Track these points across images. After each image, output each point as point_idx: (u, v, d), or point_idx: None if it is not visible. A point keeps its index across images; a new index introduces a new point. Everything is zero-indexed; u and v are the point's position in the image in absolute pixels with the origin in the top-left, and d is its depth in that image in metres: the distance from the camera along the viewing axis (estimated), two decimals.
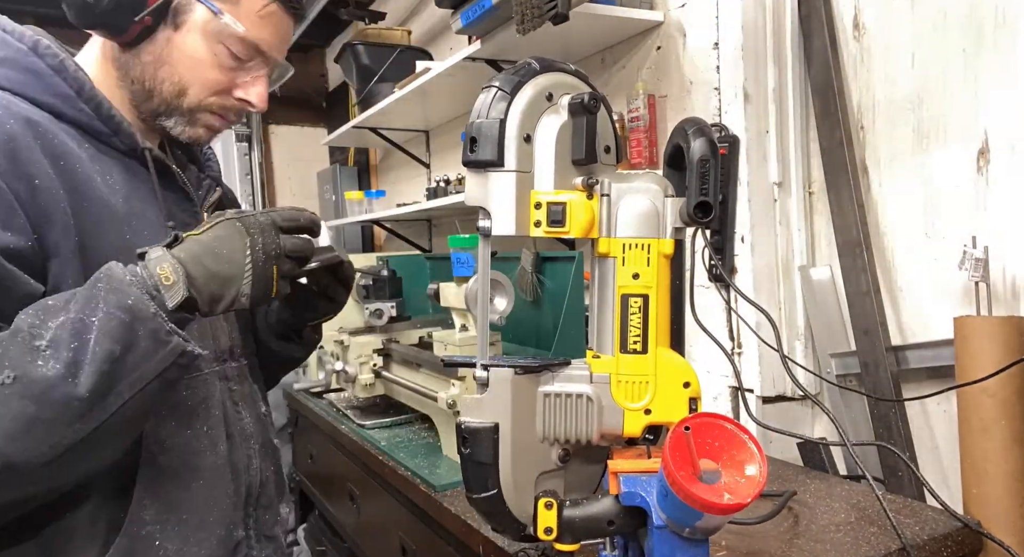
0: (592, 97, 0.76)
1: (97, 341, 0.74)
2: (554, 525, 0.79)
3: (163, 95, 0.94)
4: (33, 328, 0.74)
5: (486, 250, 0.80)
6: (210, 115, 0.98)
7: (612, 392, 0.79)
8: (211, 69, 0.94)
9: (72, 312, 0.76)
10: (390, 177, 3.92)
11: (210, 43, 0.93)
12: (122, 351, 0.75)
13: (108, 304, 0.76)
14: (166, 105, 0.95)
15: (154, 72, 0.93)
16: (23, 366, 0.72)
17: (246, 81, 0.98)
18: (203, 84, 0.95)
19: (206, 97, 0.96)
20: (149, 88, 0.94)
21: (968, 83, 1.34)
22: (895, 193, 1.48)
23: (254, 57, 0.97)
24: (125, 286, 0.77)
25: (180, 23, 0.92)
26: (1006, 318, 1.23)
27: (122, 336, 0.75)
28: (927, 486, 1.25)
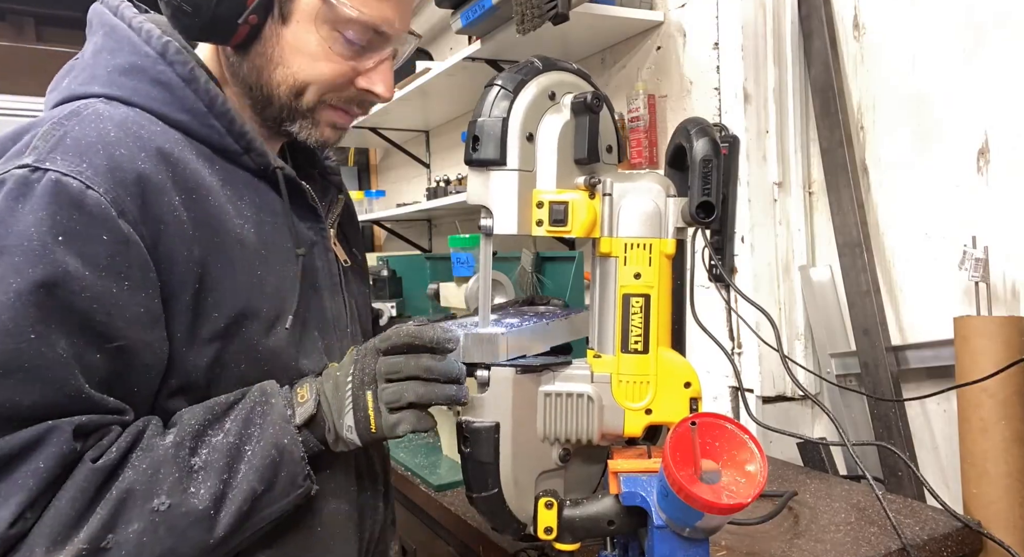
0: (595, 96, 0.76)
1: (246, 476, 0.72)
2: (554, 525, 0.79)
3: (282, 99, 0.85)
4: (197, 443, 0.73)
5: (488, 248, 0.80)
6: (332, 111, 0.88)
7: (613, 392, 0.79)
8: (327, 61, 0.83)
9: (231, 434, 0.74)
10: (390, 177, 3.92)
11: (323, 31, 0.82)
12: (263, 491, 0.73)
13: (264, 437, 0.74)
14: (288, 109, 0.86)
15: (269, 75, 0.84)
16: (178, 493, 0.70)
17: (368, 68, 0.86)
18: (320, 79, 0.84)
19: (326, 92, 0.85)
20: (267, 93, 0.85)
21: (968, 83, 1.34)
22: (895, 193, 1.49)
23: (374, 39, 0.85)
24: (285, 421, 0.75)
25: (287, 15, 0.81)
26: (1006, 318, 1.23)
27: (267, 476, 0.74)
28: (927, 486, 1.25)
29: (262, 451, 0.74)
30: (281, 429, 0.75)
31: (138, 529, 0.68)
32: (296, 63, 0.83)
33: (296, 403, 0.78)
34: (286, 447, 0.75)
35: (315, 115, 0.87)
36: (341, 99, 0.87)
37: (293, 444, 0.75)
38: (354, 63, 0.85)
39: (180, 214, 0.75)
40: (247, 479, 0.72)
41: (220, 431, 0.74)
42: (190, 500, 0.70)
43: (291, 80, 0.83)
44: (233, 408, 0.76)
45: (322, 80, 0.84)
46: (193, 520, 0.70)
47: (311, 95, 0.85)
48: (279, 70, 0.83)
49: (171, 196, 0.74)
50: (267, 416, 0.76)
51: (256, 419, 0.75)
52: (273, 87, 0.84)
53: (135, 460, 0.70)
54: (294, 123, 0.87)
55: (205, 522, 0.70)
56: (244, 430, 0.75)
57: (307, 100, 0.85)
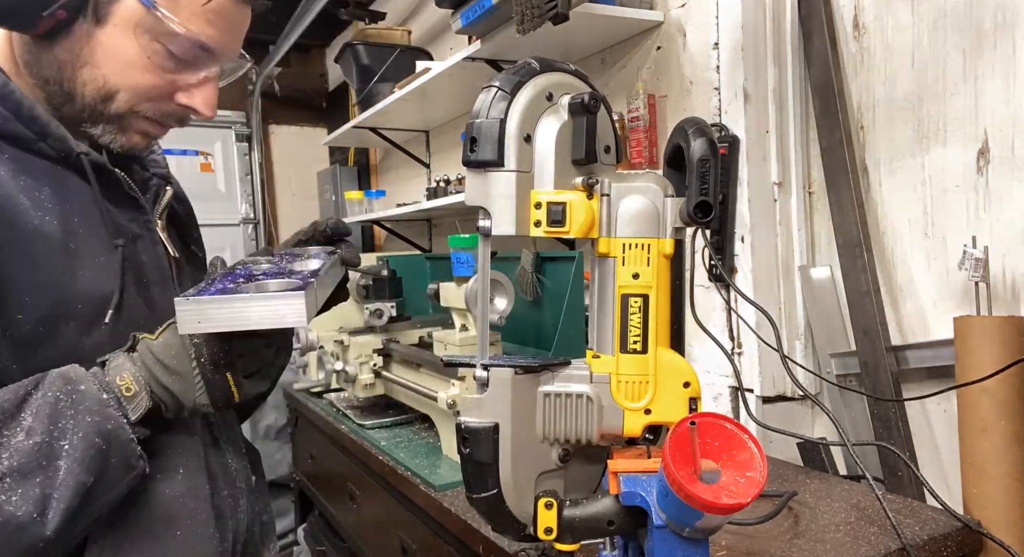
0: (592, 97, 0.76)
1: (69, 472, 0.67)
2: (554, 525, 0.79)
3: (85, 99, 0.78)
4: (0, 442, 0.66)
5: (486, 250, 0.80)
6: (146, 122, 0.82)
7: (612, 392, 0.79)
8: (144, 71, 0.78)
9: (36, 433, 0.67)
10: (390, 177, 3.92)
11: (143, 41, 0.76)
12: (94, 482, 0.68)
13: (82, 427, 0.68)
14: (90, 111, 0.79)
15: (73, 72, 0.77)
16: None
17: (190, 84, 0.81)
18: (135, 88, 0.78)
19: (139, 103, 0.80)
20: (68, 90, 0.78)
21: (968, 83, 1.34)
22: (895, 193, 1.48)
23: (200, 56, 0.80)
24: (103, 406, 0.70)
25: (103, 16, 0.75)
26: (1006, 318, 1.23)
27: (96, 466, 0.68)
28: (927, 486, 1.25)
29: (83, 443, 0.68)
30: (101, 415, 0.70)
31: None
32: (108, 66, 0.77)
33: (121, 396, 0.72)
34: (111, 432, 0.70)
35: (123, 122, 0.81)
36: (158, 111, 0.82)
37: (119, 427, 0.71)
38: (174, 77, 0.80)
39: None
40: (72, 475, 0.67)
41: (19, 431, 0.67)
42: (5, 509, 0.64)
43: (100, 81, 0.78)
44: (26, 403, 0.69)
45: (136, 89, 0.79)
46: (14, 527, 0.64)
47: (121, 103, 0.79)
48: (86, 69, 0.77)
49: None
50: (79, 405, 0.70)
51: (66, 411, 0.69)
52: (77, 85, 0.78)
53: None
54: (96, 126, 0.81)
55: (31, 526, 0.65)
56: (53, 425, 0.68)
57: (116, 106, 0.79)
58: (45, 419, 0.68)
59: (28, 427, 0.67)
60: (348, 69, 3.05)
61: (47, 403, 0.69)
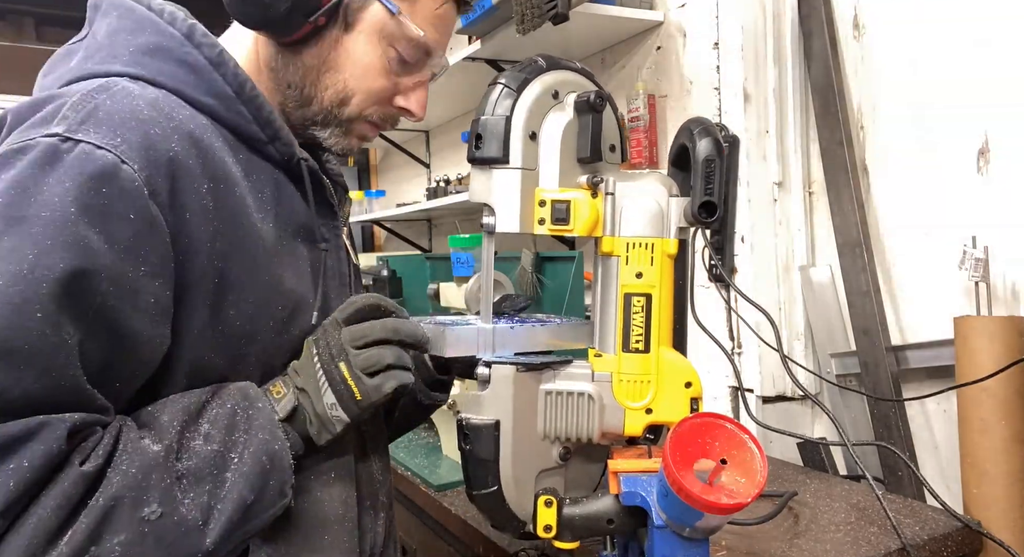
0: (598, 96, 0.76)
1: (235, 485, 0.68)
2: (554, 523, 0.79)
3: (324, 103, 0.83)
4: (180, 444, 0.67)
5: (490, 247, 0.80)
6: (366, 125, 0.87)
7: (613, 391, 0.79)
8: (379, 75, 0.82)
9: (213, 441, 0.69)
10: (390, 177, 3.92)
11: (383, 46, 0.81)
12: (253, 501, 0.69)
13: (253, 443, 0.70)
14: (325, 114, 0.84)
15: (317, 77, 0.82)
16: (169, 501, 0.64)
17: (409, 87, 0.86)
18: (368, 92, 0.83)
19: (368, 106, 0.84)
20: (308, 95, 0.83)
21: (968, 83, 1.34)
22: (895, 193, 1.49)
23: (421, 60, 0.85)
24: (274, 427, 0.72)
25: (352, 23, 0.80)
26: (1006, 318, 1.23)
27: (257, 485, 0.69)
28: (927, 486, 1.25)
29: (252, 458, 0.70)
30: (271, 435, 0.72)
31: (124, 540, 0.62)
32: (349, 71, 0.81)
33: (274, 400, 0.75)
34: (276, 454, 0.71)
35: (351, 125, 0.86)
36: (380, 114, 0.86)
37: (283, 451, 0.72)
38: (399, 80, 0.85)
39: (207, 203, 0.71)
40: (237, 488, 0.68)
41: (198, 436, 0.69)
42: (179, 509, 0.65)
43: (340, 86, 0.82)
44: (206, 409, 0.71)
45: (369, 93, 0.83)
46: (183, 531, 0.65)
47: (355, 106, 0.83)
48: (330, 75, 0.82)
49: (200, 183, 0.71)
50: (254, 421, 0.72)
51: (241, 424, 0.71)
52: (320, 90, 0.82)
53: (121, 464, 0.64)
54: (326, 128, 0.85)
55: (195, 533, 0.66)
56: (228, 436, 0.70)
57: (350, 110, 0.84)
58: (222, 429, 0.70)
59: (206, 433, 0.69)
60: None
61: (225, 414, 0.71)
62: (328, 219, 0.88)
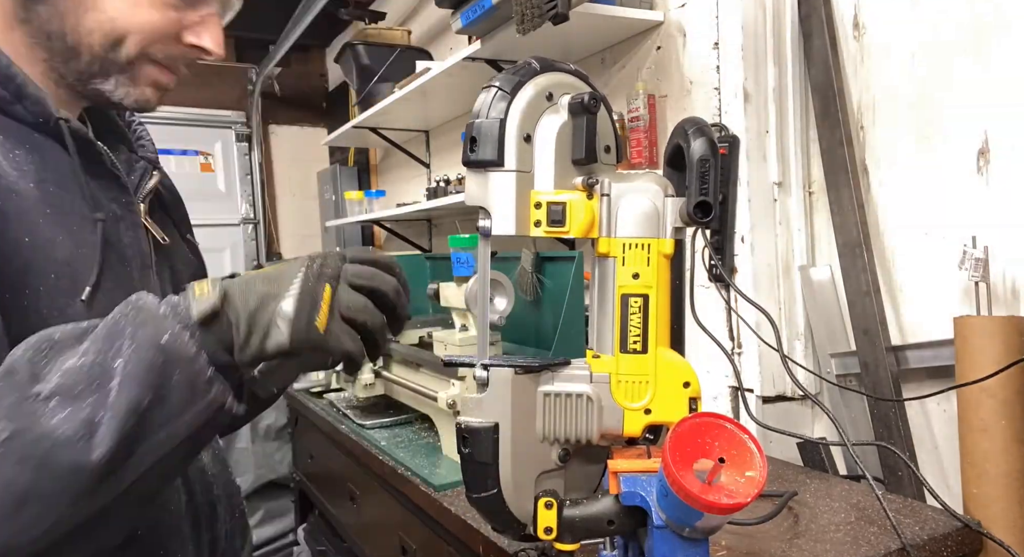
0: (592, 97, 0.76)
1: (121, 389, 0.58)
2: (554, 525, 0.79)
3: (93, 48, 0.74)
4: (35, 369, 0.58)
5: (486, 250, 0.80)
6: (154, 68, 0.78)
7: (612, 392, 0.79)
8: (151, 9, 0.74)
9: (90, 353, 0.60)
10: (390, 177, 3.92)
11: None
12: (150, 402, 0.59)
13: (137, 341, 0.60)
14: (100, 61, 0.75)
15: (76, 20, 0.73)
16: (22, 418, 0.56)
17: (195, 22, 0.78)
18: (143, 29, 0.74)
19: (148, 45, 0.76)
20: (73, 43, 0.74)
21: (968, 83, 1.34)
22: (895, 193, 1.48)
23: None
24: (159, 318, 0.61)
25: None
26: (1006, 318, 1.23)
27: (152, 382, 0.59)
28: (927, 486, 1.25)
29: (136, 356, 0.59)
30: (155, 326, 0.61)
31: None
32: (113, 8, 0.73)
33: (192, 298, 0.63)
34: (167, 344, 0.60)
35: (135, 70, 0.77)
36: (167, 55, 0.78)
37: (177, 340, 0.61)
38: (179, 16, 0.77)
39: None
40: (123, 392, 0.58)
41: (74, 355, 0.60)
42: (43, 423, 0.56)
43: (107, 27, 0.73)
44: (88, 330, 0.62)
45: (144, 30, 0.75)
46: (52, 447, 0.55)
47: (131, 46, 0.75)
48: (91, 15, 0.73)
49: None
50: (137, 319, 0.61)
51: (125, 329, 0.61)
52: (83, 34, 0.73)
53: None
54: (108, 78, 0.77)
55: (70, 449, 0.56)
56: (109, 345, 0.60)
57: (126, 52, 0.75)
58: (100, 341, 0.60)
59: (83, 350, 0.60)
60: (348, 69, 3.05)
61: (106, 325, 0.62)
62: (114, 192, 0.80)
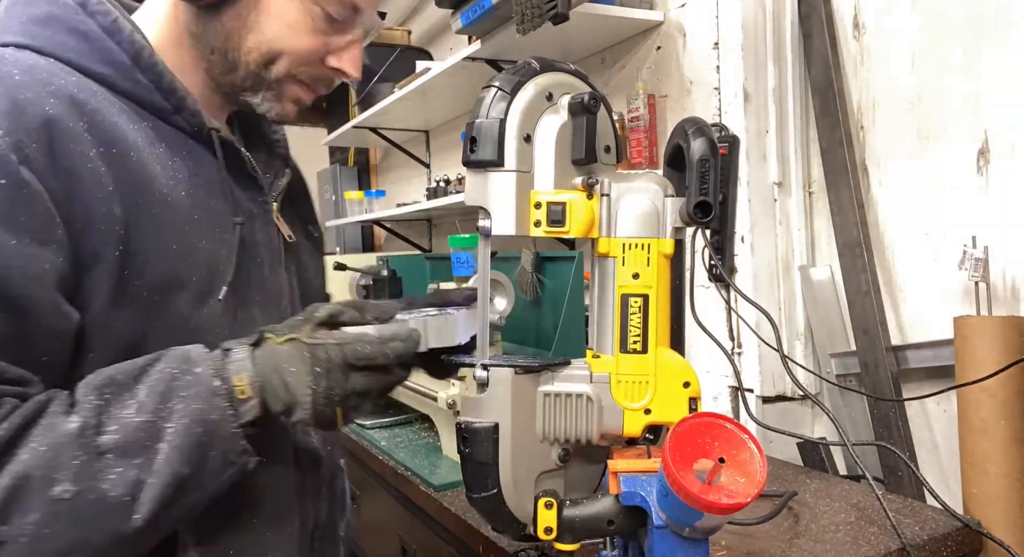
0: (592, 97, 0.76)
1: (168, 459, 0.64)
2: (554, 525, 0.79)
3: (250, 65, 0.81)
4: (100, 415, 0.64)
5: (486, 250, 0.80)
6: (298, 86, 0.85)
7: (612, 392, 0.79)
8: (304, 34, 0.81)
9: (146, 409, 0.65)
10: (390, 177, 3.92)
11: (305, 4, 0.80)
12: (190, 473, 0.65)
13: (188, 410, 0.66)
14: (253, 77, 0.82)
15: (239, 40, 0.80)
16: (84, 479, 0.61)
17: (340, 47, 0.85)
18: (295, 51, 0.82)
19: (297, 66, 0.83)
20: (233, 59, 0.81)
21: (968, 83, 1.34)
22: (895, 193, 1.48)
23: (351, 18, 0.84)
24: (212, 394, 0.67)
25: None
26: (1006, 318, 1.23)
27: (195, 457, 0.66)
28: (927, 486, 1.25)
29: (186, 430, 0.65)
30: (209, 404, 0.67)
31: (36, 520, 0.60)
32: (272, 31, 0.80)
33: (234, 397, 0.70)
34: (216, 424, 0.67)
35: (281, 87, 0.84)
36: (311, 76, 0.85)
37: (224, 420, 0.68)
38: (328, 39, 0.83)
39: (96, 167, 0.69)
40: (170, 463, 0.64)
41: (132, 405, 0.65)
42: (99, 486, 0.62)
43: (264, 47, 0.80)
44: (144, 375, 0.68)
45: (296, 52, 0.82)
46: (104, 509, 0.62)
47: (282, 66, 0.82)
48: (252, 36, 0.80)
49: (86, 147, 0.69)
50: (191, 388, 0.67)
51: (179, 391, 0.67)
52: (243, 53, 0.80)
53: (32, 440, 0.62)
54: (256, 93, 0.84)
55: (120, 511, 0.63)
56: (162, 405, 0.66)
57: (277, 71, 0.82)
58: (157, 397, 0.66)
59: (140, 402, 0.66)
60: None
61: (163, 380, 0.67)
62: (252, 192, 0.87)
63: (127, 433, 0.64)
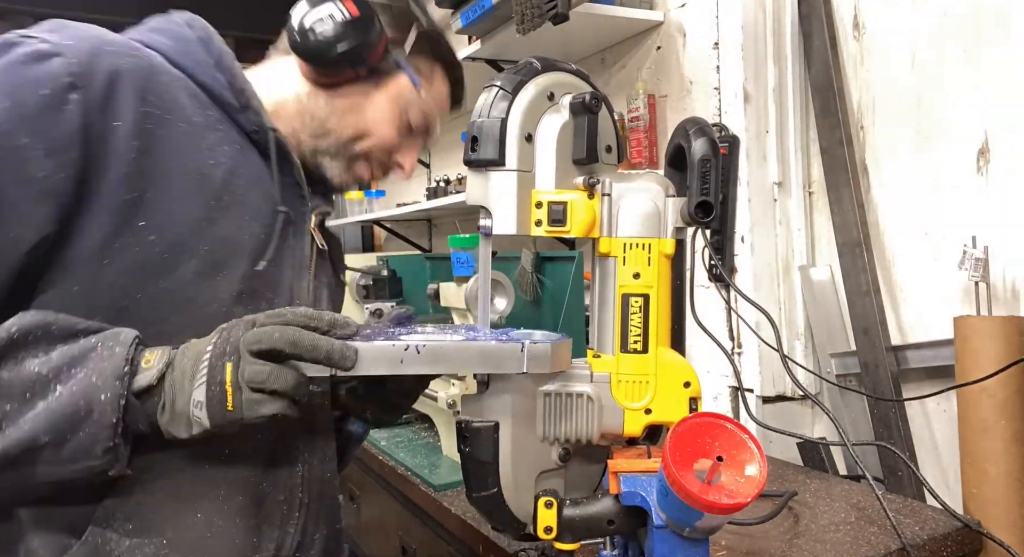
0: (593, 96, 0.76)
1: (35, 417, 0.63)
2: (554, 524, 0.79)
3: (341, 137, 0.94)
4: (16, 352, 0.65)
5: (487, 249, 0.80)
6: (366, 166, 0.99)
7: (612, 392, 0.79)
8: (390, 127, 0.96)
9: (49, 365, 0.65)
10: (390, 177, 3.92)
11: (400, 109, 0.96)
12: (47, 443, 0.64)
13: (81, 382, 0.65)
14: (341, 146, 0.95)
15: (341, 117, 0.94)
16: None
17: (407, 148, 1.01)
18: (379, 137, 0.96)
19: (372, 150, 0.97)
20: (329, 128, 0.94)
21: (968, 83, 1.34)
22: (895, 193, 1.49)
23: (423, 130, 1.01)
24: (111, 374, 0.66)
25: (382, 83, 0.95)
26: (1006, 318, 1.23)
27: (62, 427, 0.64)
28: (927, 486, 1.25)
29: (70, 396, 0.64)
30: (104, 383, 0.65)
31: None
32: (371, 117, 0.95)
33: (140, 366, 0.68)
34: (100, 404, 0.64)
35: (354, 162, 0.97)
36: (379, 161, 0.99)
37: (111, 404, 0.65)
38: (401, 138, 0.98)
39: (144, 124, 0.75)
40: (35, 420, 0.63)
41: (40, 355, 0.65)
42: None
43: (360, 126, 0.95)
44: (73, 338, 0.68)
45: (379, 138, 0.96)
46: None
47: (365, 144, 0.96)
48: (352, 116, 0.94)
49: (141, 105, 0.75)
50: (101, 361, 0.66)
51: (88, 361, 0.66)
52: (341, 127, 0.94)
53: None
54: (333, 159, 0.96)
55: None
56: (67, 368, 0.65)
57: (361, 146, 0.96)
58: (68, 359, 0.66)
59: (49, 357, 0.66)
60: None
61: (83, 347, 0.67)
62: (295, 201, 0.92)
63: (16, 375, 0.64)
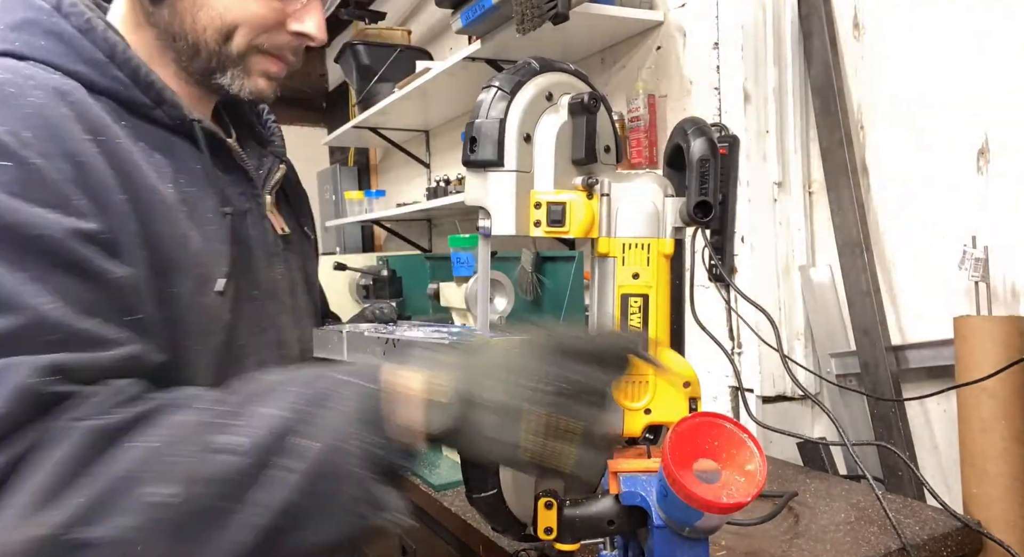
0: (592, 97, 0.76)
1: None
2: (554, 525, 0.79)
3: (209, 44, 0.80)
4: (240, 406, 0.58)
5: (486, 250, 0.80)
6: (264, 58, 0.84)
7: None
8: (255, 1, 0.80)
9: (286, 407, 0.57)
10: (390, 177, 3.92)
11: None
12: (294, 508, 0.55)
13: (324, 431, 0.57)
14: (216, 57, 0.81)
15: (193, 18, 0.79)
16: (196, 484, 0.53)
17: (297, 10, 0.83)
18: (250, 20, 0.80)
19: (256, 36, 0.81)
20: (194, 41, 0.80)
21: (968, 83, 1.34)
22: (895, 193, 1.48)
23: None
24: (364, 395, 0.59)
25: None
26: (1006, 318, 1.23)
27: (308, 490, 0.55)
28: (927, 486, 1.25)
29: (319, 453, 0.55)
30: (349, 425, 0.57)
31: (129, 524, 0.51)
32: (221, 4, 0.79)
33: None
34: (346, 452, 0.56)
35: (246, 62, 0.83)
36: (274, 44, 0.83)
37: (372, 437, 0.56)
38: (282, 4, 0.82)
39: (95, 152, 0.69)
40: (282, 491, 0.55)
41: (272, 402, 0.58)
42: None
43: (217, 22, 0.79)
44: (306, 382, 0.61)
45: (252, 20, 0.80)
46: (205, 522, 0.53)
47: (241, 38, 0.81)
48: (203, 12, 0.79)
49: (78, 134, 0.68)
50: (345, 401, 0.58)
51: (329, 401, 0.58)
52: (199, 32, 0.80)
53: (151, 426, 0.56)
54: (224, 73, 0.83)
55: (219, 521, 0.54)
56: (306, 408, 0.57)
57: (236, 44, 0.81)
58: (307, 400, 0.58)
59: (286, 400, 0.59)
60: (348, 69, 3.05)
61: (326, 380, 0.61)
62: (243, 186, 0.86)
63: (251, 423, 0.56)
